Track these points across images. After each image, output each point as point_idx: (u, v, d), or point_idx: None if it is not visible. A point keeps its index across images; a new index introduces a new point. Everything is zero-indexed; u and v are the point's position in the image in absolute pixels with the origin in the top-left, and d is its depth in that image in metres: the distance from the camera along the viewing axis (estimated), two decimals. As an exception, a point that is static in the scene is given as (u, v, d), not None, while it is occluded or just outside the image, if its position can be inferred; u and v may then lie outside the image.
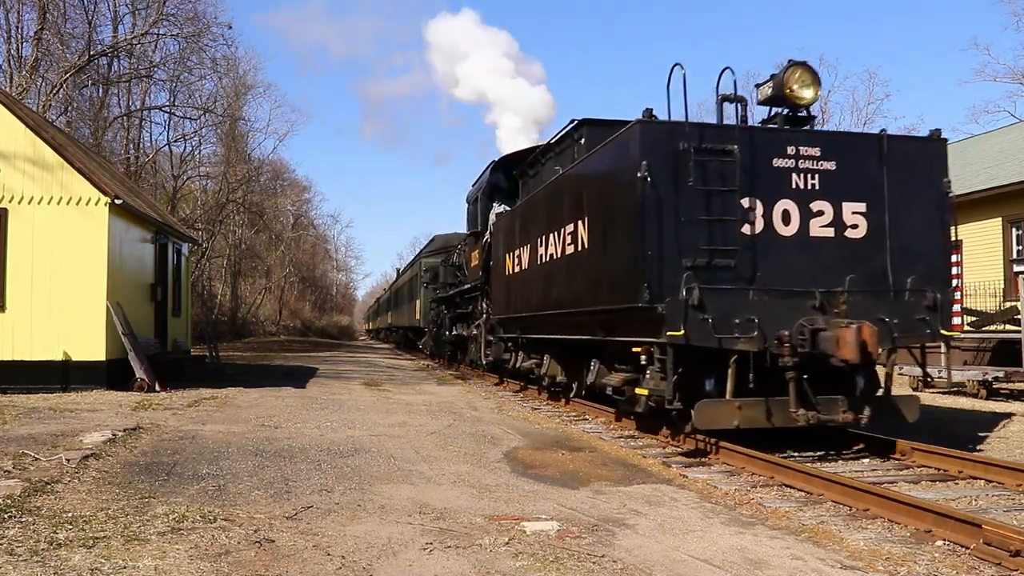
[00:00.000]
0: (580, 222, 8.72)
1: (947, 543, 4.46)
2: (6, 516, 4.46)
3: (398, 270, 51.60)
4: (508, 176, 14.57)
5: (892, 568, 4.02)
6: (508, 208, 13.79)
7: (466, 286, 17.52)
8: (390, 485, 5.69)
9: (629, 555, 4.12)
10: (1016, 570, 4.00)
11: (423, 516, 4.79)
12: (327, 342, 52.98)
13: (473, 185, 17.34)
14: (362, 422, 9.24)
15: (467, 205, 17.51)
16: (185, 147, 37.47)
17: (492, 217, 14.53)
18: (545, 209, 10.41)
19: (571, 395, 11.32)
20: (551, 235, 9.94)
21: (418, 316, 28.81)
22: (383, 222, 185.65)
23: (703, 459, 7.28)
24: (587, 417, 10.45)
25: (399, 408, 10.96)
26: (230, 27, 34.24)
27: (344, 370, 20.77)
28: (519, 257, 11.85)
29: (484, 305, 15.39)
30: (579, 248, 8.76)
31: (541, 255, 10.53)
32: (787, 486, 6.05)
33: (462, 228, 25.96)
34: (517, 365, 13.00)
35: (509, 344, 13.57)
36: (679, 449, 7.74)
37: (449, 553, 4.04)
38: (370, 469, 6.28)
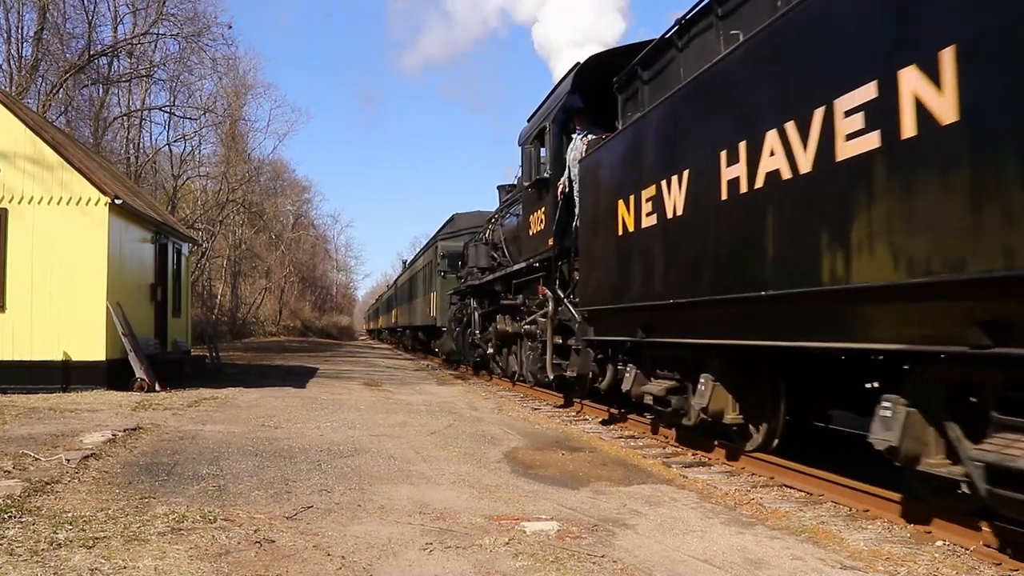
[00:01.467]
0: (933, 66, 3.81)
1: (947, 543, 4.46)
2: (6, 516, 4.45)
3: (404, 261, 45.37)
4: (596, 92, 9.80)
5: (892, 568, 4.02)
6: (596, 138, 9.11)
7: (516, 266, 12.68)
8: (390, 485, 5.69)
9: (629, 555, 4.11)
10: (1016, 571, 4.00)
11: (423, 516, 4.79)
12: (327, 342, 53.00)
13: (531, 118, 12.54)
14: (362, 422, 9.24)
15: (521, 148, 12.38)
16: (185, 147, 37.54)
17: (575, 153, 9.80)
18: (742, 95, 5.62)
19: (750, 447, 6.66)
20: (766, 138, 5.22)
21: (433, 313, 24.23)
22: (383, 222, 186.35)
23: (704, 459, 7.23)
24: (587, 417, 10.44)
25: (399, 408, 10.96)
26: (230, 27, 34.16)
27: (344, 370, 20.76)
28: (654, 202, 6.94)
29: (555, 292, 10.57)
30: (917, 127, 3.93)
31: (733, 183, 5.66)
32: (787, 486, 6.05)
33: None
34: (629, 388, 8.05)
35: (599, 354, 9.13)
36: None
37: (449, 553, 4.04)
38: (370, 469, 6.28)
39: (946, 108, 3.79)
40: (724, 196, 5.85)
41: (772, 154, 5.23)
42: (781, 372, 6.29)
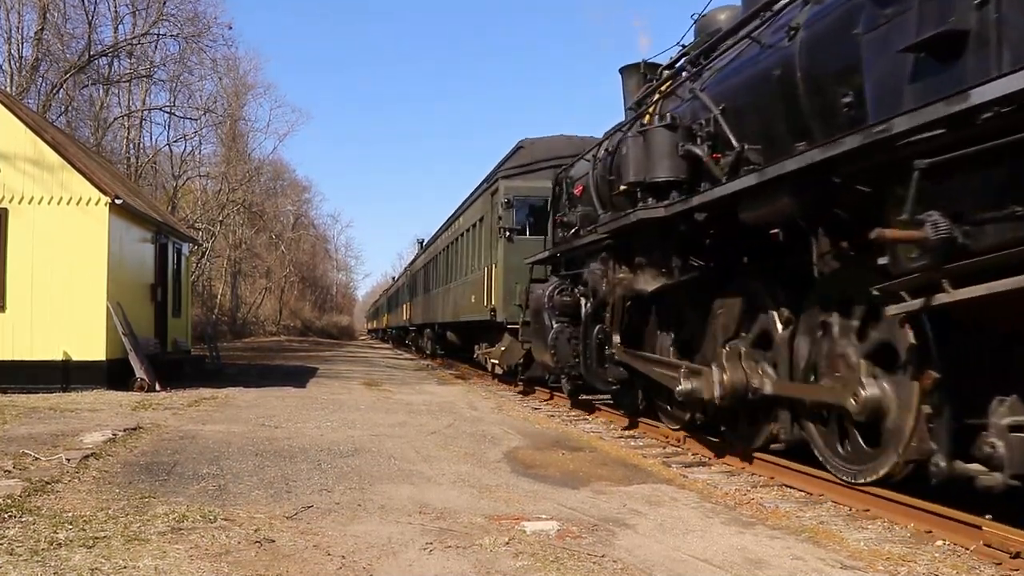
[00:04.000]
0: None
1: (947, 543, 4.46)
2: (6, 516, 4.45)
3: (421, 241, 33.27)
4: None
5: (892, 568, 4.02)
6: None
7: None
8: (390, 485, 5.69)
9: (629, 555, 4.11)
10: (1016, 570, 4.00)
11: (423, 516, 4.79)
12: (327, 342, 52.98)
13: None
14: (362, 422, 9.24)
15: None
16: (185, 147, 37.62)
17: None
18: None
19: None
20: None
21: (490, 301, 14.89)
22: (383, 222, 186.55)
23: (704, 459, 7.24)
24: (587, 417, 10.44)
25: (399, 408, 10.96)
26: (230, 27, 34.29)
27: (344, 370, 20.76)
28: None
29: None
30: None
31: None
32: (787, 486, 6.04)
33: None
34: None
35: None
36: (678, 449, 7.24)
37: (449, 553, 4.04)
38: (370, 469, 6.28)
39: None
40: None
41: None
42: None
